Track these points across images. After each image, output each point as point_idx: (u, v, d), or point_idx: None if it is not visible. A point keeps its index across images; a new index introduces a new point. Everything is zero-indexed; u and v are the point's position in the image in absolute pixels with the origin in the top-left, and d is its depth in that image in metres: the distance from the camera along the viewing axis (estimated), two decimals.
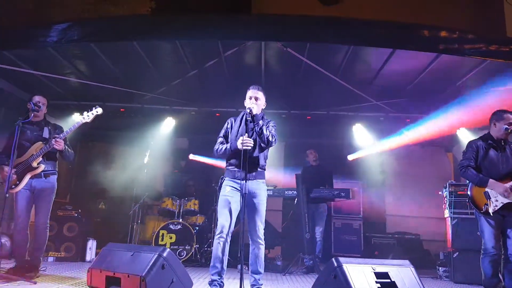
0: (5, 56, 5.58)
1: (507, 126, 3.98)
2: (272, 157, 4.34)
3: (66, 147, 4.45)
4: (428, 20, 4.19)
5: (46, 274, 4.67)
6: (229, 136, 3.97)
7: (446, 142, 8.38)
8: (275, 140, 3.82)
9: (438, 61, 5.49)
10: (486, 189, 3.88)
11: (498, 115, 4.10)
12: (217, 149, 3.93)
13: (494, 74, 5.59)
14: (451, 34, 4.46)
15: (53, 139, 4.30)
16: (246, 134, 3.69)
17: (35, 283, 3.94)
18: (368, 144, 8.03)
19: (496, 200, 3.82)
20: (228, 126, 4.05)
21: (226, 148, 3.87)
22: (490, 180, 3.87)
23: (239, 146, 3.64)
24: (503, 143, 4.05)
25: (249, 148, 3.64)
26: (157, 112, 7.74)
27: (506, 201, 3.80)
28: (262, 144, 3.79)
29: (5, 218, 4.46)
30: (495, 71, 5.55)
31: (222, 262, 3.66)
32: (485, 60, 5.20)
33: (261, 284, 3.82)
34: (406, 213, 8.37)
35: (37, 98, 4.51)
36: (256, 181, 3.86)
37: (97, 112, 4.50)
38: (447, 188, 6.22)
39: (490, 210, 3.81)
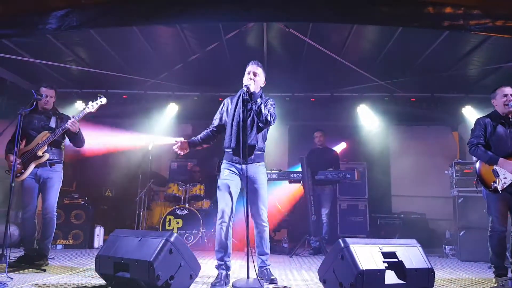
0: (5, 45, 5.52)
1: (506, 101, 3.95)
2: (276, 140, 4.29)
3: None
4: None
5: (55, 262, 4.73)
6: (226, 118, 3.88)
7: (452, 120, 8.31)
8: (274, 119, 3.70)
9: (443, 38, 5.38)
10: (495, 167, 3.84)
11: (494, 92, 4.11)
12: None
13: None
14: (456, 10, 4.35)
15: (69, 121, 4.30)
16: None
17: (44, 270, 3.99)
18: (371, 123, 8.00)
19: (505, 178, 3.78)
20: (224, 109, 3.97)
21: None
22: (500, 159, 3.83)
23: None
24: (511, 119, 4.00)
25: None
26: (160, 98, 7.71)
27: None
28: (260, 124, 3.68)
29: (12, 207, 4.48)
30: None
31: (226, 246, 3.63)
32: (490, 36, 5.10)
33: (269, 265, 3.82)
34: (412, 193, 8.36)
35: (43, 89, 4.49)
36: (255, 165, 3.77)
37: (101, 102, 4.51)
38: (453, 167, 6.21)
39: (499, 188, 3.78)
